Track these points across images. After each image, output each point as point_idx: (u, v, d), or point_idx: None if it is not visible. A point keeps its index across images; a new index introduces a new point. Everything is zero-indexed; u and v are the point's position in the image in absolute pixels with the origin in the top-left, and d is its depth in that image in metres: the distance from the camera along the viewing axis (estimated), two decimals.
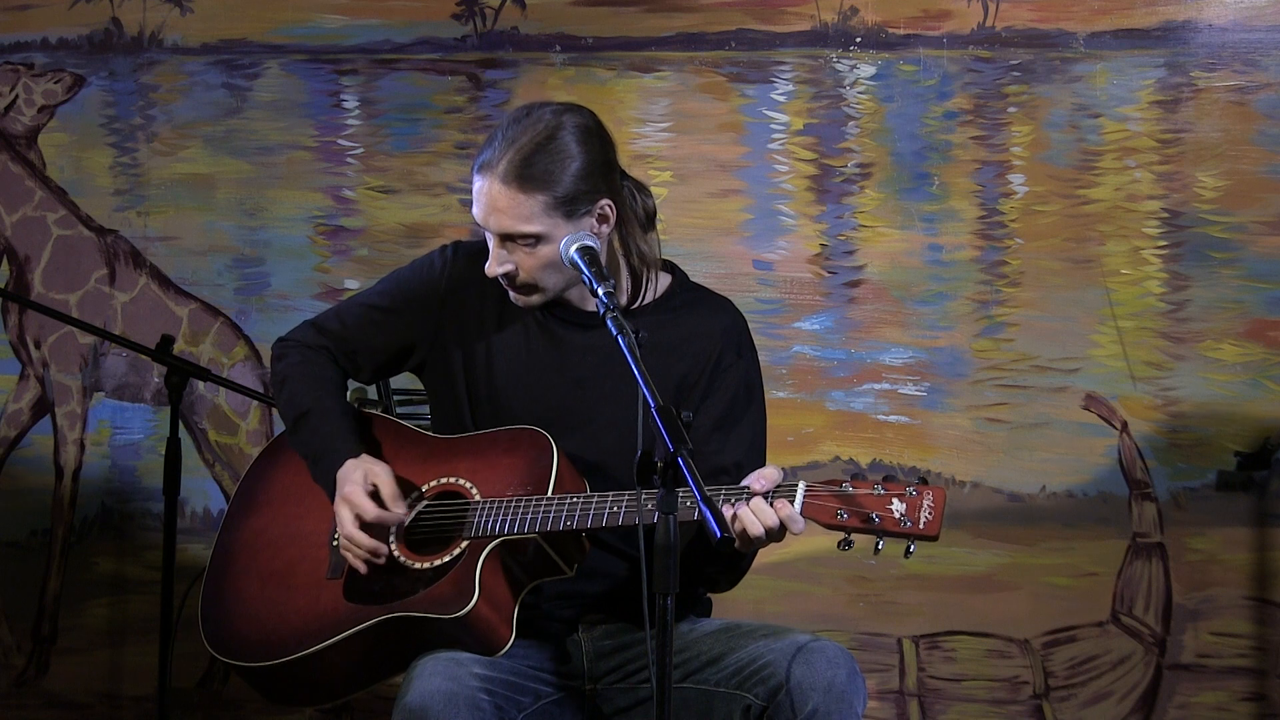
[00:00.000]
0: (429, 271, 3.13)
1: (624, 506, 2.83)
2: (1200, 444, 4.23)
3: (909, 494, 2.73)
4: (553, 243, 2.93)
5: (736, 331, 3.11)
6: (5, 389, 4.61)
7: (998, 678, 4.29)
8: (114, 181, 4.59)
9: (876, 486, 2.74)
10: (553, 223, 2.93)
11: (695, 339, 3.06)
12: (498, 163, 2.92)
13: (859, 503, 2.73)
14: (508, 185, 2.92)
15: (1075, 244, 4.28)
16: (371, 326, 3.15)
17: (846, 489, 2.75)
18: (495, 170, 2.93)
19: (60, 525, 4.59)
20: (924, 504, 2.72)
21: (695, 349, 3.06)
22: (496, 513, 2.91)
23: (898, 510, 2.72)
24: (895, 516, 2.72)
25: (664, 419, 2.57)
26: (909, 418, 4.31)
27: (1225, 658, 4.21)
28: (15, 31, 4.62)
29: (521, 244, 2.95)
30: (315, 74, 4.55)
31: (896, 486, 2.74)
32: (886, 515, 2.72)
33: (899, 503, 2.72)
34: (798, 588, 4.31)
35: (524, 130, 2.94)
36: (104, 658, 4.57)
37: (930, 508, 2.71)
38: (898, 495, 2.73)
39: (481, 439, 3.05)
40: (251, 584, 3.09)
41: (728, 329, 3.10)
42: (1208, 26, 4.24)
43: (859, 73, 4.36)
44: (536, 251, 2.95)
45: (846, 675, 2.83)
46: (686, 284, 3.15)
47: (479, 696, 2.80)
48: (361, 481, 2.97)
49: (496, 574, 2.90)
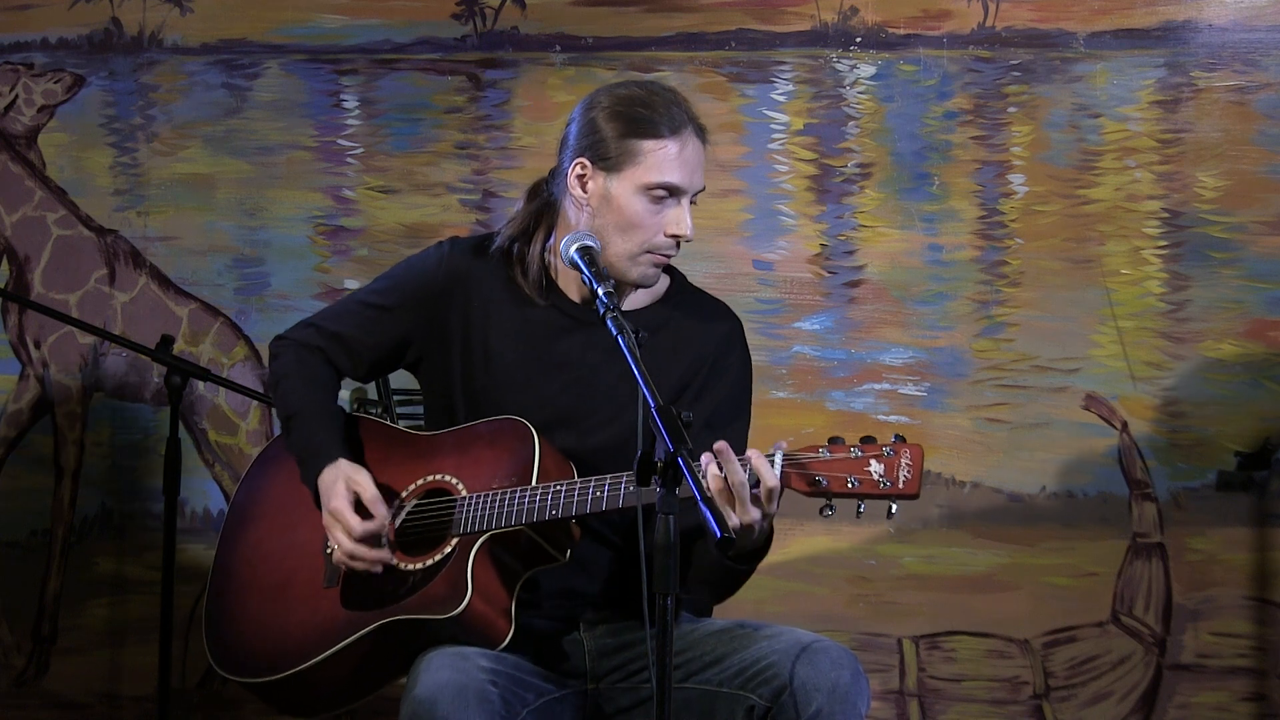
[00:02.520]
0: (425, 267, 3.13)
1: (607, 491, 2.83)
2: (1200, 444, 4.23)
3: (886, 454, 2.71)
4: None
5: (734, 337, 3.13)
6: (5, 389, 4.61)
7: (998, 678, 4.29)
8: (114, 181, 4.59)
9: (854, 449, 2.73)
10: None
11: (694, 342, 3.07)
12: (691, 120, 2.99)
13: (837, 467, 2.72)
14: (700, 140, 2.99)
15: (1075, 244, 4.28)
16: (368, 324, 3.15)
17: (824, 454, 2.74)
18: (692, 127, 2.98)
19: (60, 525, 4.58)
20: (902, 463, 2.71)
21: (693, 351, 3.06)
22: (483, 507, 2.92)
23: (876, 472, 2.71)
24: (874, 478, 2.71)
25: (664, 419, 2.57)
26: (909, 418, 4.31)
27: (1225, 658, 4.21)
28: (15, 31, 4.62)
29: (694, 202, 3.01)
30: (315, 74, 4.55)
31: (873, 448, 2.72)
32: (865, 478, 2.71)
33: (877, 464, 2.71)
34: (798, 588, 4.31)
35: (672, 92, 3.01)
36: (104, 658, 4.57)
37: (908, 466, 2.70)
38: (875, 456, 2.71)
39: (465, 433, 3.05)
40: (251, 600, 3.09)
41: (726, 334, 3.11)
42: (1208, 26, 4.24)
43: (859, 73, 4.36)
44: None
45: (850, 676, 2.82)
46: (685, 286, 3.16)
47: (487, 688, 2.79)
48: (344, 493, 2.98)
49: (488, 569, 2.90)
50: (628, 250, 2.98)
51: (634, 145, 2.95)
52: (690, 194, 2.99)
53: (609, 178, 2.97)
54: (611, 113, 2.98)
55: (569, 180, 3.00)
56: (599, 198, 2.98)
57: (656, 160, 2.95)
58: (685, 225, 2.98)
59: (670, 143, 2.95)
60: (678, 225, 2.97)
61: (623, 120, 2.97)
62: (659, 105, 2.97)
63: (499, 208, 4.43)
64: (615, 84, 3.06)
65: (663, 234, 2.97)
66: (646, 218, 2.96)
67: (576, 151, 3.00)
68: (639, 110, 2.97)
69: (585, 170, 2.99)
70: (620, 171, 2.96)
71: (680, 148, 2.96)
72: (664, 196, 2.96)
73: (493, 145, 4.48)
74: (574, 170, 3.00)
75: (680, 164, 2.96)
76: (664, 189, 2.95)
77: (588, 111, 3.02)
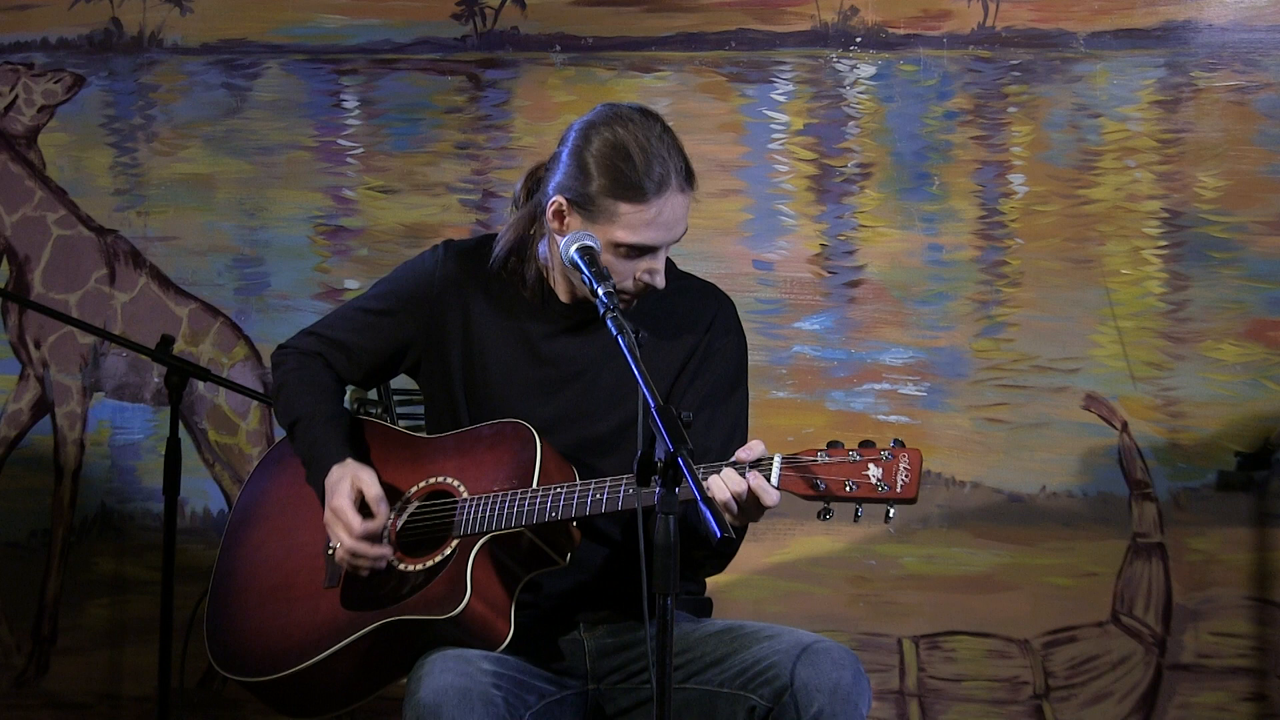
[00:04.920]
0: (421, 271, 3.14)
1: (607, 493, 2.84)
2: (1200, 444, 4.23)
3: (884, 458, 2.72)
4: None
5: (726, 316, 3.13)
6: (5, 389, 4.61)
7: (998, 678, 4.29)
8: (114, 181, 4.59)
9: (852, 453, 2.74)
10: None
11: (685, 328, 3.08)
12: (678, 173, 2.94)
13: (835, 471, 2.73)
14: (686, 191, 2.96)
15: (1075, 244, 4.28)
16: (366, 330, 3.15)
17: (822, 458, 2.74)
18: (677, 182, 2.94)
19: (60, 525, 4.58)
20: (900, 467, 2.71)
21: (685, 338, 3.07)
22: (484, 509, 2.92)
23: (874, 476, 2.72)
24: (872, 482, 2.71)
25: (664, 419, 2.57)
26: (909, 418, 4.31)
27: (1225, 658, 4.21)
28: (15, 31, 4.62)
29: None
30: (315, 74, 4.55)
31: (871, 452, 2.73)
32: (863, 482, 2.72)
33: (875, 468, 2.72)
34: (798, 588, 4.31)
35: (666, 132, 2.96)
36: (104, 658, 4.57)
37: (907, 470, 2.71)
38: (873, 460, 2.72)
39: (467, 435, 3.05)
40: (252, 600, 3.10)
41: (717, 314, 3.11)
42: (1208, 26, 4.24)
43: (859, 73, 4.36)
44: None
45: (852, 676, 2.83)
46: (674, 271, 3.15)
47: (491, 691, 2.80)
48: (348, 491, 2.98)
49: (488, 570, 2.90)
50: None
51: (613, 205, 2.92)
52: (667, 244, 2.98)
53: (585, 223, 2.95)
54: (598, 163, 2.93)
55: (547, 212, 2.99)
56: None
57: (633, 223, 2.92)
58: (657, 278, 2.98)
59: (649, 209, 2.92)
60: (650, 275, 2.97)
61: (606, 175, 2.92)
62: (643, 164, 2.92)
63: (499, 208, 4.43)
64: (610, 116, 2.99)
65: (632, 279, 2.97)
66: (617, 266, 2.95)
67: (559, 187, 2.97)
68: (623, 168, 2.92)
69: (563, 209, 2.97)
70: (596, 223, 2.94)
71: (659, 211, 2.92)
72: (637, 255, 2.96)
73: (493, 145, 4.48)
74: (552, 206, 2.98)
75: (657, 226, 2.93)
76: (636, 250, 2.95)
77: (577, 148, 2.97)
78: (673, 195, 2.93)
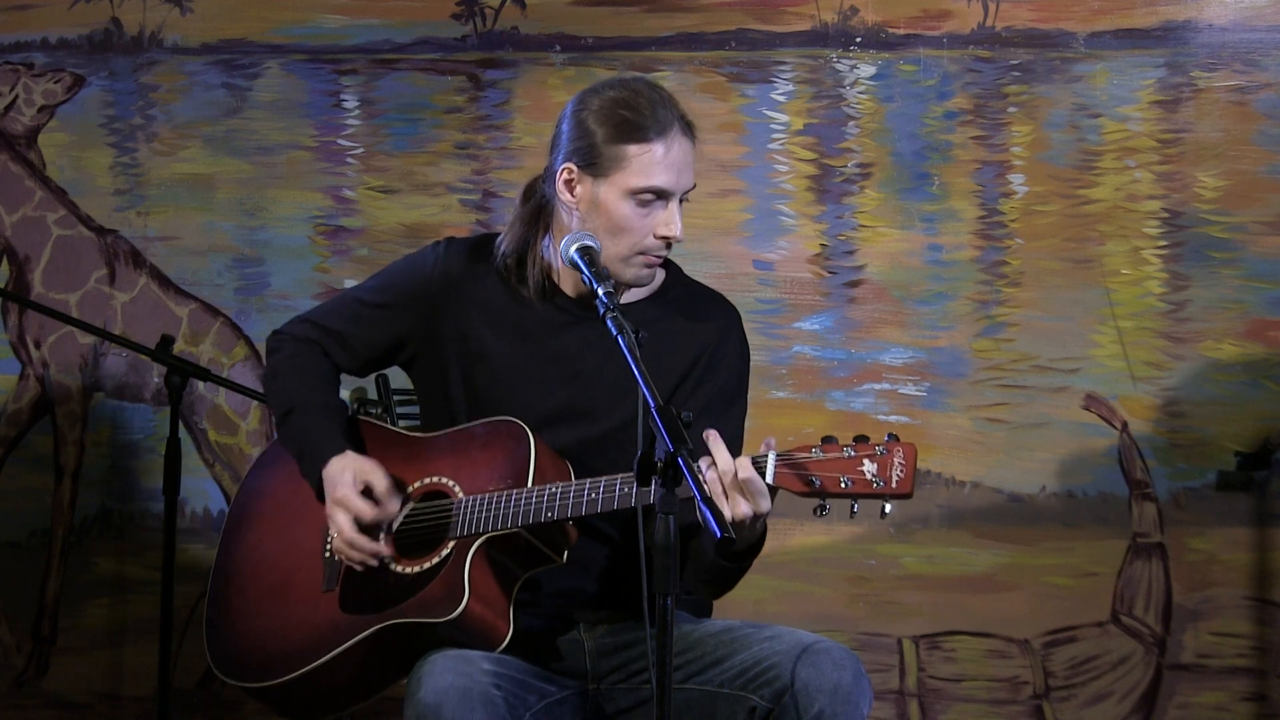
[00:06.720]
0: (421, 266, 3.13)
1: (602, 493, 2.83)
2: (1200, 444, 4.23)
3: (879, 453, 2.71)
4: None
5: (730, 327, 3.13)
6: (5, 389, 4.61)
7: (998, 678, 4.29)
8: (114, 181, 4.59)
9: (847, 449, 2.73)
10: None
11: (690, 335, 3.07)
12: (678, 119, 2.97)
13: (830, 467, 2.72)
14: (689, 138, 2.98)
15: (1075, 244, 4.28)
16: (363, 321, 3.15)
17: (817, 454, 2.74)
18: (679, 127, 2.97)
19: (60, 525, 4.58)
20: (895, 462, 2.71)
21: (690, 345, 3.07)
22: (479, 510, 2.91)
23: (869, 471, 2.71)
24: (867, 478, 2.71)
25: (664, 419, 2.57)
26: (909, 418, 4.31)
27: (1225, 658, 4.21)
28: (15, 31, 4.62)
29: (684, 200, 3.01)
30: (315, 74, 4.55)
31: (866, 447, 2.72)
32: (859, 478, 2.71)
33: (870, 463, 2.71)
34: (798, 588, 4.31)
35: (659, 89, 3.00)
36: (104, 658, 4.57)
37: (901, 465, 2.70)
38: (868, 456, 2.71)
39: (461, 435, 3.05)
40: (250, 604, 3.09)
41: (722, 326, 3.11)
42: (1208, 26, 4.24)
43: (859, 73, 4.36)
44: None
45: (852, 677, 2.82)
46: (681, 278, 3.16)
47: (491, 691, 2.80)
48: (352, 482, 2.97)
49: (485, 571, 2.90)
50: (619, 253, 2.98)
51: (620, 150, 2.94)
52: (679, 194, 2.98)
53: (596, 182, 2.97)
54: (598, 116, 2.97)
55: (557, 185, 3.00)
56: (587, 202, 2.98)
57: (642, 165, 2.94)
58: (675, 226, 2.97)
59: (656, 146, 2.94)
60: (667, 227, 2.97)
61: (609, 125, 2.95)
62: (645, 107, 2.95)
63: (499, 208, 4.43)
64: (602, 84, 3.04)
65: (652, 236, 2.97)
66: (635, 221, 2.96)
67: (565, 156, 3.00)
68: (625, 114, 2.95)
69: (573, 175, 2.99)
70: (607, 177, 2.96)
71: (666, 150, 2.95)
72: (652, 200, 2.96)
73: (493, 145, 4.48)
74: (562, 175, 3.00)
75: (666, 167, 2.95)
76: (651, 193, 2.95)
77: (575, 114, 3.01)
78: (677, 136, 2.96)
